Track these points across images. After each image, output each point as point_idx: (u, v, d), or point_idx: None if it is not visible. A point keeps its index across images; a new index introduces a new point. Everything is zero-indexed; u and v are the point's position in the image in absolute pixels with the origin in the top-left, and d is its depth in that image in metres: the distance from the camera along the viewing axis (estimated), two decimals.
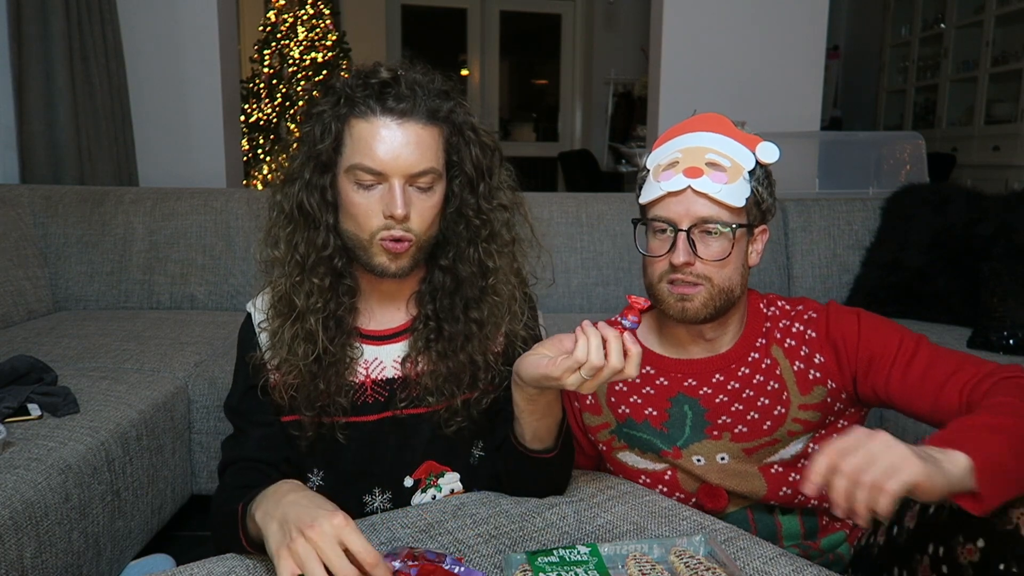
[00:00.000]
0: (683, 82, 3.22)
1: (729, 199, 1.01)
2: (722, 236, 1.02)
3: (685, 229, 1.01)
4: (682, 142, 1.06)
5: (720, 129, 1.06)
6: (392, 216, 0.93)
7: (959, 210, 2.10)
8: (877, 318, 1.07)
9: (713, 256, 1.02)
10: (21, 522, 1.12)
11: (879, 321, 1.06)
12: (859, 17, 5.97)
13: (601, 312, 2.29)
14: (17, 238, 2.22)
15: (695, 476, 1.10)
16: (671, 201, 1.03)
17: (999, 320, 1.84)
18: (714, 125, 1.07)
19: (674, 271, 1.03)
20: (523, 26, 6.72)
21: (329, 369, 1.00)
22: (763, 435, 1.07)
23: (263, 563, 0.90)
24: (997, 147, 4.33)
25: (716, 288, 1.03)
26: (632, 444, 1.13)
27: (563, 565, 0.83)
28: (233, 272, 2.32)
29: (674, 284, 1.03)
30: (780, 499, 1.08)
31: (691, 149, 1.04)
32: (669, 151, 1.06)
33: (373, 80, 0.94)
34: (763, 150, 1.05)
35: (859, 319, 1.06)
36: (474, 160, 1.00)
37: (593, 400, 1.17)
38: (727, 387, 1.10)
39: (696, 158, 1.03)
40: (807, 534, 1.09)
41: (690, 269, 1.02)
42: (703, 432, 1.09)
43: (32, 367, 1.48)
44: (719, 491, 1.09)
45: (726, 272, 1.03)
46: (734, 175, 1.02)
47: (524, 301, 1.07)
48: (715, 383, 1.10)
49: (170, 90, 2.96)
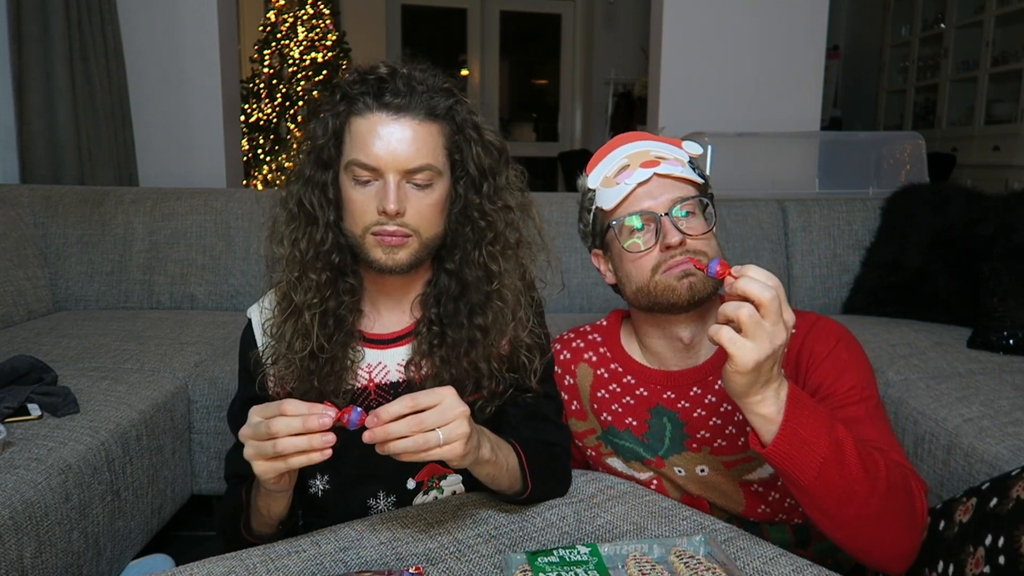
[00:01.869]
0: (683, 82, 3.22)
1: (692, 175, 1.06)
2: (696, 214, 1.05)
3: (665, 213, 1.03)
4: (621, 151, 1.10)
5: (646, 137, 1.13)
6: (384, 211, 0.93)
7: (959, 210, 2.10)
8: (853, 354, 1.04)
9: (698, 231, 1.04)
10: (21, 522, 1.12)
11: (851, 358, 1.03)
12: (859, 17, 5.97)
13: (601, 312, 2.29)
14: (17, 238, 2.22)
15: (678, 486, 1.10)
16: (640, 193, 1.05)
17: (999, 320, 1.84)
18: (639, 136, 1.13)
19: (670, 256, 1.03)
20: (523, 26, 6.72)
21: (324, 367, 0.99)
22: (739, 451, 1.07)
23: (263, 563, 0.90)
24: (997, 147, 4.33)
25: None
26: (617, 451, 1.14)
27: (563, 565, 0.83)
28: (233, 272, 2.32)
29: (671, 268, 1.03)
30: (758, 516, 1.07)
31: (633, 153, 1.09)
32: (612, 162, 1.10)
33: (370, 77, 0.94)
34: (689, 145, 1.12)
35: (835, 345, 1.04)
36: (476, 160, 0.99)
37: (578, 406, 1.17)
38: (704, 400, 1.10)
39: (643, 156, 1.07)
40: (798, 543, 1.08)
41: (684, 247, 1.03)
42: (683, 444, 1.09)
43: (32, 367, 1.48)
44: (701, 502, 1.09)
45: (713, 245, 1.05)
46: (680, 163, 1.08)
47: (530, 306, 1.06)
48: (693, 396, 1.10)
49: (170, 90, 2.96)
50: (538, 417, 1.07)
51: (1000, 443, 1.32)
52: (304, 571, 0.89)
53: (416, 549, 0.93)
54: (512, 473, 0.97)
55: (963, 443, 1.39)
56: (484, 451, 0.89)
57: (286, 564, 0.90)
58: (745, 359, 0.78)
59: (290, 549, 0.93)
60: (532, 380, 1.04)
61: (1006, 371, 1.67)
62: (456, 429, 0.80)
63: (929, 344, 1.86)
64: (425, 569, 0.88)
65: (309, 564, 0.90)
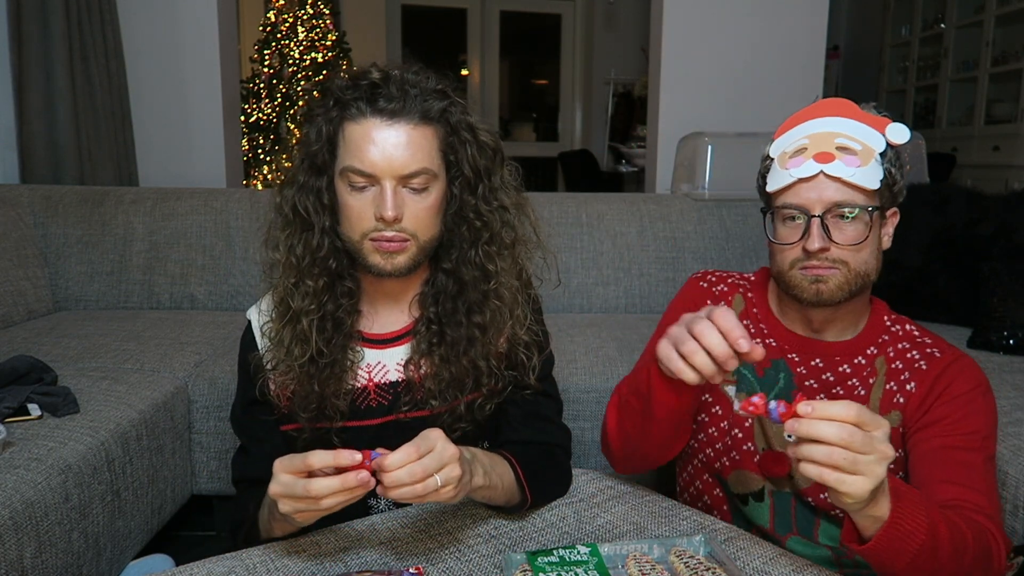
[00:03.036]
0: (683, 82, 3.22)
1: (863, 182, 0.98)
2: (857, 220, 0.99)
3: (818, 215, 0.99)
4: (808, 128, 1.03)
5: (847, 113, 1.03)
6: (382, 218, 0.93)
7: (959, 210, 2.10)
8: (987, 404, 1.02)
9: (849, 240, 0.99)
10: (21, 522, 1.12)
11: (985, 406, 1.02)
12: (859, 17, 5.97)
13: (601, 312, 2.29)
14: (17, 238, 2.22)
15: (766, 436, 1.08)
16: (802, 187, 1.00)
17: (999, 320, 1.84)
18: (841, 109, 1.04)
19: (808, 257, 1.00)
20: (523, 26, 6.72)
21: (324, 371, 0.99)
22: None
23: (263, 563, 0.90)
24: (997, 147, 4.33)
25: (852, 272, 1.01)
26: (739, 379, 1.11)
27: (563, 565, 0.83)
28: (233, 272, 2.32)
29: (807, 269, 1.01)
30: (820, 503, 1.06)
31: (819, 135, 1.01)
32: (795, 138, 1.04)
33: (363, 82, 0.93)
34: (893, 131, 1.02)
35: (974, 387, 1.02)
36: (471, 161, 0.99)
37: None
38: (822, 376, 1.09)
39: (826, 143, 1.00)
40: None
41: (825, 255, 1.00)
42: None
43: (32, 367, 1.48)
44: (783, 456, 1.06)
45: (862, 256, 1.01)
46: (866, 158, 0.99)
47: (527, 303, 1.06)
48: (813, 367, 1.09)
49: (170, 90, 2.96)
50: (538, 416, 1.08)
51: (1000, 443, 1.32)
52: (304, 571, 0.89)
53: (416, 549, 0.93)
54: (508, 490, 0.97)
55: None
56: (477, 479, 0.89)
57: (286, 564, 0.90)
58: (858, 493, 0.71)
59: (290, 549, 0.93)
60: (531, 377, 1.04)
61: (1006, 371, 1.67)
62: (450, 473, 0.80)
63: None
64: (425, 569, 0.88)
65: (309, 564, 0.90)
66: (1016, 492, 1.25)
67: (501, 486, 0.95)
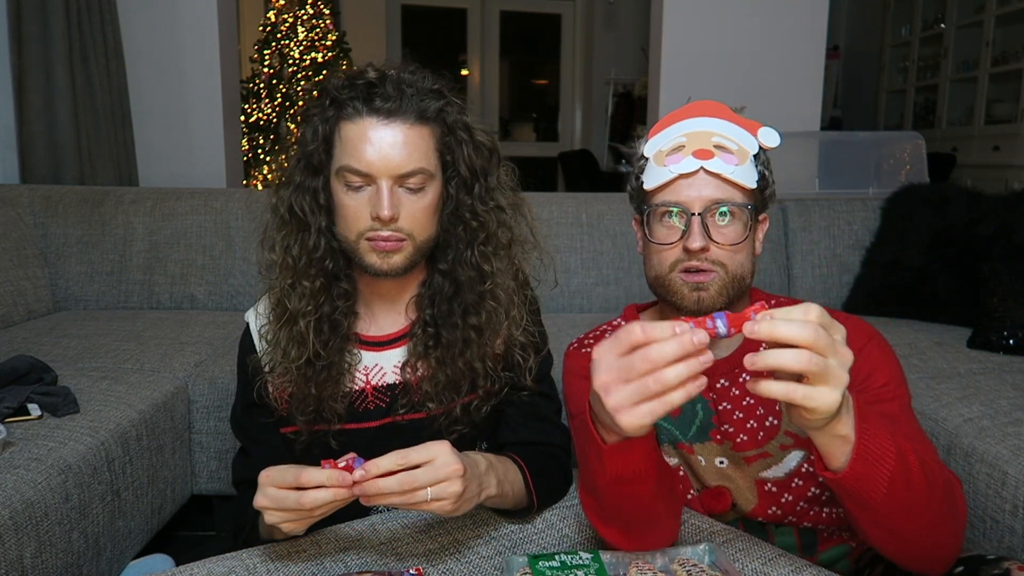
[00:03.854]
0: (683, 82, 3.22)
1: (742, 179, 0.98)
2: (736, 220, 0.99)
3: (699, 212, 0.98)
4: (685, 127, 1.03)
5: (721, 114, 1.04)
6: (379, 218, 0.93)
7: (959, 210, 2.10)
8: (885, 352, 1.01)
9: (728, 240, 0.99)
10: (21, 522, 1.12)
11: (883, 355, 1.01)
12: (859, 17, 5.97)
13: (601, 312, 2.29)
14: (17, 238, 2.22)
15: (699, 477, 1.08)
16: (681, 185, 0.99)
17: (999, 320, 1.84)
18: (715, 111, 1.05)
19: (688, 258, 0.99)
20: (523, 26, 6.73)
21: (322, 373, 0.99)
22: (758, 445, 1.05)
23: (263, 563, 0.90)
24: (997, 147, 4.33)
25: (729, 275, 1.00)
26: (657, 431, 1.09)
27: (564, 569, 0.83)
28: (233, 272, 2.32)
29: (688, 273, 1.00)
30: (768, 517, 1.06)
31: (696, 133, 1.01)
32: (672, 136, 1.03)
33: (359, 81, 0.93)
34: (765, 135, 1.04)
35: (867, 343, 1.01)
36: (468, 161, 0.99)
37: None
38: (730, 393, 1.08)
39: (703, 141, 1.00)
40: (804, 547, 1.07)
41: (705, 255, 0.99)
42: (708, 434, 1.07)
43: (32, 367, 1.48)
44: (722, 492, 1.06)
45: (739, 258, 1.00)
46: (742, 157, 1.00)
47: (524, 304, 1.06)
48: (720, 388, 1.08)
49: (170, 90, 2.96)
50: (537, 417, 1.07)
51: (1000, 443, 1.32)
52: (304, 571, 0.89)
53: (416, 549, 0.93)
54: (518, 495, 0.97)
55: (963, 443, 1.39)
56: (490, 490, 0.89)
57: (286, 564, 0.90)
58: (828, 404, 0.65)
59: (290, 549, 0.93)
60: (527, 378, 1.04)
61: (1006, 371, 1.67)
62: (447, 488, 0.79)
63: (929, 344, 1.86)
64: (425, 570, 0.88)
65: (309, 564, 0.90)
66: (1016, 492, 1.25)
67: (512, 492, 0.95)
